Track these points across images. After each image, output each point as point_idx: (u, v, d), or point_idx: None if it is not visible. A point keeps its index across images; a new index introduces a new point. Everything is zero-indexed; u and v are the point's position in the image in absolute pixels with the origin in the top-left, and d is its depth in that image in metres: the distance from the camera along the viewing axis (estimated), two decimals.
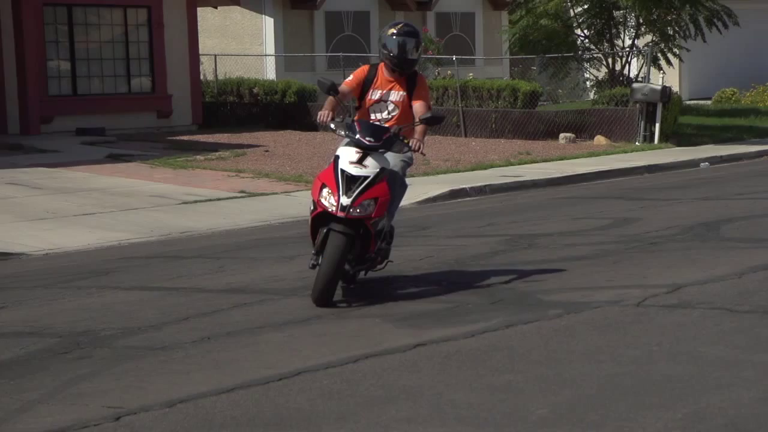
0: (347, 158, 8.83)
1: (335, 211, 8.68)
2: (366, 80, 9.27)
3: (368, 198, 8.71)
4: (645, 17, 25.24)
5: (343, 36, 30.61)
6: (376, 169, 8.80)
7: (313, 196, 8.93)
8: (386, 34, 9.23)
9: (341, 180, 8.74)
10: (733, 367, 6.93)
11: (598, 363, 7.08)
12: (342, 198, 8.68)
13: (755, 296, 8.93)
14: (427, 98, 9.38)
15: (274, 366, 7.16)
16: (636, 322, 8.16)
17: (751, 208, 14.10)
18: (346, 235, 8.71)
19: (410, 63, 9.21)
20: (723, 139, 23.91)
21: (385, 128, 9.04)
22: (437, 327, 8.18)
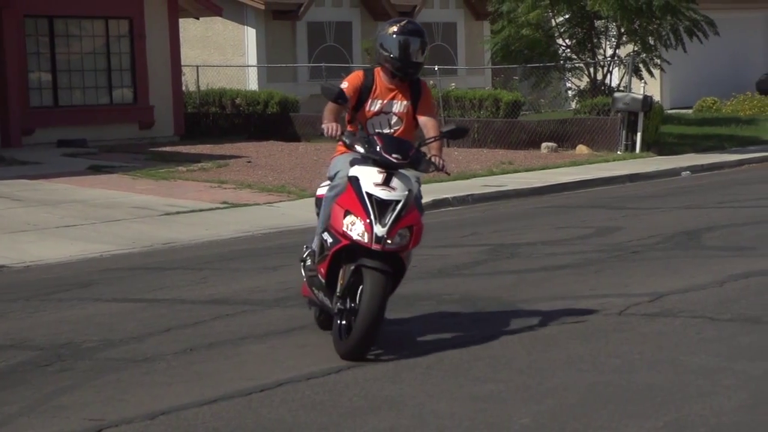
0: (370, 179, 7.42)
1: (369, 244, 7.26)
2: (363, 88, 7.88)
3: (403, 227, 7.33)
4: (626, 27, 25.32)
5: (326, 46, 30.63)
6: (405, 191, 7.44)
7: (335, 226, 7.45)
8: (386, 34, 7.86)
9: (371, 206, 7.36)
10: (714, 375, 6.95)
11: (580, 372, 7.09)
12: (376, 227, 7.27)
13: (736, 304, 8.96)
14: (435, 109, 8.22)
15: (256, 377, 7.15)
16: (618, 331, 8.18)
17: (732, 217, 14.15)
18: (384, 273, 7.31)
19: (415, 67, 7.84)
20: (704, 148, 24.00)
21: (409, 142, 7.73)
22: (418, 338, 8.17)
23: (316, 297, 7.93)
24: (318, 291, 7.81)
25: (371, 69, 8.04)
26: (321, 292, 7.76)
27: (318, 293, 7.82)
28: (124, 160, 21.58)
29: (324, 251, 7.62)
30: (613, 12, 24.28)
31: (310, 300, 8.19)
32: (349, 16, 31.21)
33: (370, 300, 7.21)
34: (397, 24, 7.89)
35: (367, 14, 31.34)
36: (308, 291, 8.11)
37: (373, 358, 7.51)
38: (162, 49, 25.43)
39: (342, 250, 7.42)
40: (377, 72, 7.98)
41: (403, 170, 7.53)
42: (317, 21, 30.38)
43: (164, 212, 15.44)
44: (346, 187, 7.56)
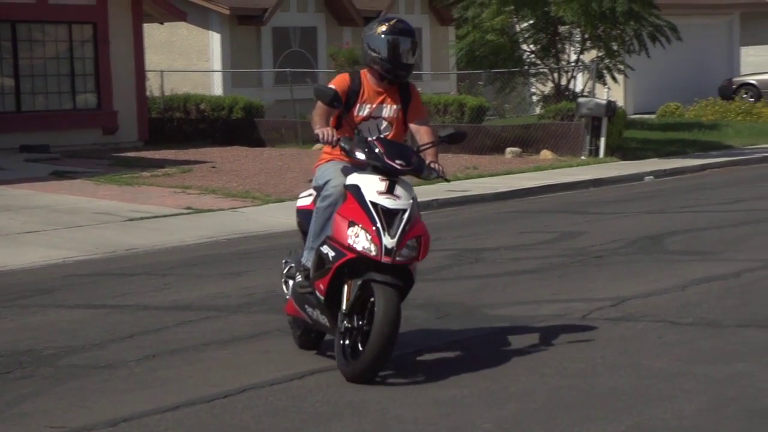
0: (372, 187, 6.99)
1: (378, 257, 6.83)
2: (350, 92, 7.41)
3: (412, 237, 6.93)
4: (590, 33, 25.46)
5: (291, 51, 30.59)
6: (409, 199, 7.05)
7: (337, 239, 6.97)
8: (373, 33, 7.38)
9: (378, 216, 6.92)
10: (676, 379, 6.99)
11: (542, 376, 7.12)
12: (384, 239, 6.83)
13: (697, 308, 9.02)
14: (427, 113, 7.88)
15: (219, 383, 7.13)
16: (581, 335, 8.21)
17: (694, 222, 14.25)
18: (395, 287, 6.89)
19: (406, 69, 7.40)
20: (667, 153, 24.15)
21: (410, 148, 7.37)
22: None
23: (307, 316, 7.41)
24: (313, 309, 7.30)
25: (357, 72, 7.58)
26: (317, 311, 7.25)
27: (313, 312, 7.31)
28: (87, 166, 21.46)
29: (323, 266, 7.10)
30: (576, 18, 24.40)
31: (294, 319, 7.75)
32: (314, 21, 31.20)
33: (384, 317, 6.74)
34: (386, 23, 7.42)
35: (332, 19, 31.33)
36: (295, 309, 7.62)
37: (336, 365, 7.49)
38: (126, 54, 25.30)
39: (345, 264, 6.95)
40: (364, 75, 7.52)
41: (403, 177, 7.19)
42: (282, 26, 30.34)
43: (128, 218, 15.36)
44: (344, 197, 7.10)
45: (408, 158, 7.13)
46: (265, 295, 10.05)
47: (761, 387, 6.79)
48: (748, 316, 8.71)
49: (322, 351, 7.65)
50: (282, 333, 8.53)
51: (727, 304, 9.20)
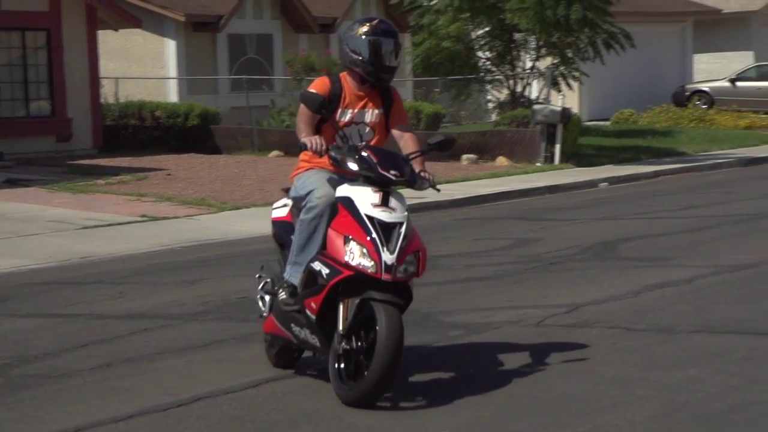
0: (366, 200, 6.63)
1: (378, 274, 6.46)
2: (331, 97, 7.06)
3: (410, 252, 6.59)
4: (545, 40, 25.59)
5: (247, 59, 30.52)
6: (404, 212, 6.70)
7: (333, 255, 6.61)
8: (354, 35, 7.02)
9: (375, 230, 6.55)
10: (629, 385, 7.05)
11: (497, 383, 7.14)
12: (384, 255, 6.47)
13: (650, 314, 9.10)
14: (408, 118, 7.49)
15: (173, 392, 7.10)
16: (535, 342, 8.25)
17: (647, 228, 14.36)
18: (397, 305, 6.54)
19: (389, 72, 7.05)
20: (621, 160, 24.32)
21: (402, 157, 6.98)
22: None
23: (293, 335, 7.04)
24: (301, 329, 6.91)
25: (337, 74, 7.24)
26: (305, 330, 6.86)
27: (301, 331, 6.92)
28: (41, 173, 21.30)
29: (315, 283, 6.71)
30: (531, 25, 24.52)
31: (274, 337, 7.40)
32: (270, 28, 31.15)
33: (388, 338, 6.35)
34: (367, 23, 7.06)
35: (288, 26, 31.30)
36: (276, 328, 7.26)
37: (292, 373, 7.50)
38: (80, 61, 25.15)
39: (340, 281, 6.57)
40: (344, 78, 7.18)
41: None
42: (238, 33, 30.27)
43: (82, 226, 15.26)
44: (333, 209, 6.74)
45: (402, 168, 6.80)
46: (220, 303, 10.02)
47: (712, 392, 6.86)
48: (700, 322, 8.79)
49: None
50: (237, 341, 8.53)
51: (680, 309, 9.28)
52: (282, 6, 31.01)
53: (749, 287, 10.19)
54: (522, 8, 24.09)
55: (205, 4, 29.48)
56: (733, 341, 8.15)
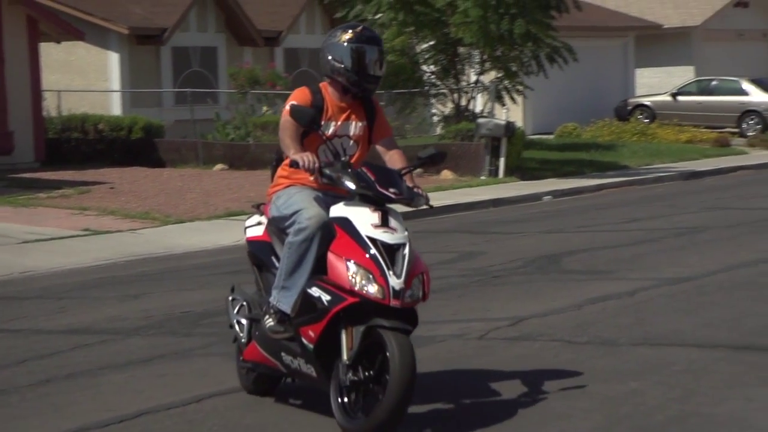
0: (366, 220, 6.27)
1: (386, 300, 6.10)
2: (312, 108, 6.63)
3: (415, 275, 6.24)
4: (489, 54, 25.74)
5: (191, 72, 30.41)
6: (405, 231, 6.35)
7: (335, 280, 6.21)
8: (337, 42, 6.64)
9: (379, 253, 6.17)
10: (571, 398, 7.09)
11: (439, 397, 7.15)
12: (391, 279, 6.11)
13: (592, 327, 9.16)
14: (392, 131, 7.08)
15: (114, 408, 7.04)
16: (478, 356, 8.28)
17: (590, 241, 14.46)
18: (406, 333, 6.17)
19: (375, 82, 6.67)
20: (565, 173, 24.48)
21: (398, 173, 6.63)
22: None
23: (282, 365, 6.65)
24: (294, 358, 6.51)
25: (316, 85, 6.81)
26: (300, 359, 6.46)
27: (294, 361, 6.52)
28: None
29: (313, 311, 6.27)
30: (475, 39, 24.64)
31: (255, 365, 6.99)
32: (215, 41, 31.06)
33: (402, 368, 5.98)
34: (351, 30, 6.68)
35: (232, 40, 31.22)
36: (260, 356, 6.85)
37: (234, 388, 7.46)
38: (22, 74, 24.90)
39: (343, 309, 6.15)
40: (324, 88, 6.76)
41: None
42: (182, 46, 30.14)
43: (23, 240, 15.10)
44: (327, 231, 6.34)
45: (400, 186, 6.46)
46: (163, 318, 9.96)
47: (653, 405, 6.92)
48: (641, 335, 8.86)
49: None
50: (180, 356, 8.48)
51: (622, 322, 9.35)
52: (226, 19, 30.94)
53: (690, 300, 10.30)
54: (466, 23, 24.21)
55: (148, 17, 29.34)
56: (674, 353, 8.23)
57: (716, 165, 26.40)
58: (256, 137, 25.93)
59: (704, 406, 6.89)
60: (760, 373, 7.58)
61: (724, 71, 37.91)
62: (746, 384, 7.33)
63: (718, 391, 7.18)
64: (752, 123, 34.65)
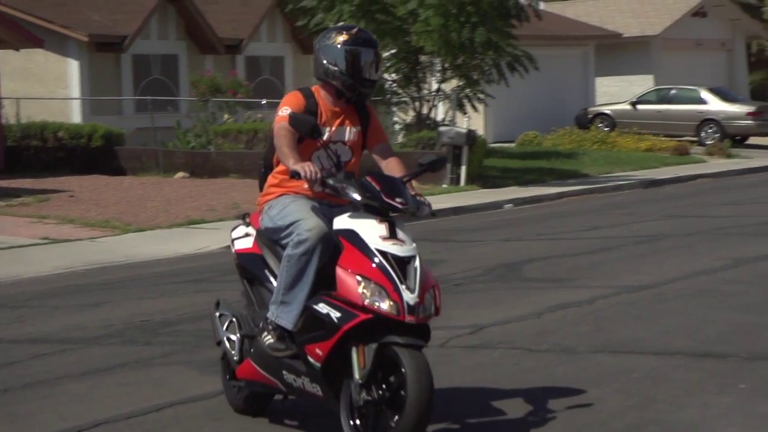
0: (374, 232, 6.00)
1: (401, 316, 5.84)
2: (306, 114, 6.34)
3: (427, 290, 6.00)
4: (450, 62, 25.81)
5: (152, 79, 30.29)
6: (413, 243, 6.10)
7: (346, 296, 5.92)
8: (331, 44, 6.37)
9: (391, 267, 5.92)
10: (530, 406, 7.11)
11: None
12: (405, 294, 5.86)
13: (553, 335, 9.20)
14: (386, 137, 6.79)
15: (73, 418, 7.00)
16: (439, 363, 8.26)
17: (550, 249, 14.52)
18: (420, 349, 5.92)
19: (370, 85, 6.42)
20: (526, 181, 24.58)
21: (401, 181, 6.32)
22: None
23: (283, 384, 6.37)
24: (297, 377, 6.23)
25: (308, 89, 6.52)
26: (304, 378, 6.19)
27: (297, 380, 6.24)
28: None
29: (321, 328, 5.99)
30: (437, 48, 24.72)
31: (249, 383, 6.67)
32: (176, 49, 30.95)
33: (420, 386, 5.74)
34: (344, 32, 6.40)
35: (194, 47, 31.12)
36: (257, 374, 6.53)
37: (194, 397, 7.43)
38: None
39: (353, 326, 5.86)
40: (317, 92, 6.49)
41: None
42: (143, 54, 30.02)
43: None
44: (335, 244, 6.07)
45: (406, 195, 6.14)
46: (123, 327, 9.91)
47: (612, 412, 6.96)
48: (600, 342, 8.91)
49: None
50: (139, 365, 8.44)
51: (581, 330, 9.40)
52: (187, 27, 30.85)
53: (649, 307, 10.37)
54: (427, 31, 24.28)
55: (108, 25, 29.20)
56: (633, 361, 8.28)
57: (675, 173, 26.60)
58: (218, 145, 25.87)
59: (663, 413, 6.93)
60: (719, 380, 7.64)
61: (683, 80, 38.24)
62: (705, 391, 7.39)
63: (676, 398, 7.23)
64: (711, 132, 34.94)
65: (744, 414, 6.87)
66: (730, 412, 6.92)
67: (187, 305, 10.90)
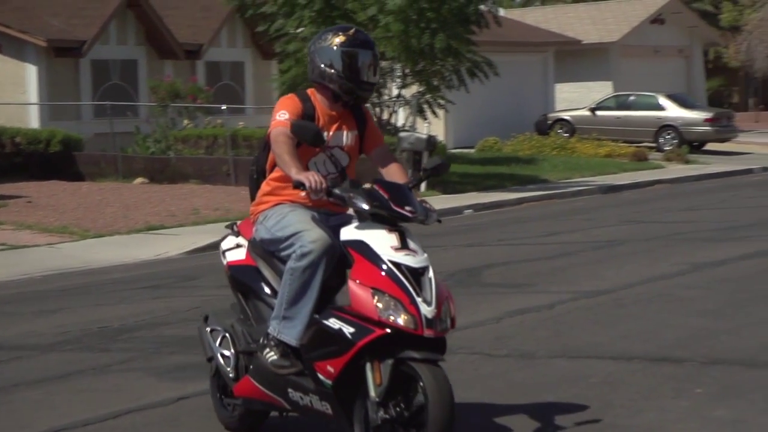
0: (385, 243, 5.76)
1: (420, 330, 5.60)
2: (304, 118, 6.06)
3: (443, 301, 5.77)
4: (410, 68, 25.84)
5: (111, 84, 30.13)
6: (424, 253, 5.89)
7: (360, 311, 5.64)
8: (328, 46, 6.11)
9: (407, 279, 5.68)
10: (489, 411, 7.13)
11: None
12: (422, 307, 5.62)
13: (512, 340, 9.22)
14: (383, 140, 6.50)
15: (28, 425, 6.95)
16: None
17: (510, 254, 14.57)
18: (438, 363, 5.69)
19: (368, 89, 6.18)
20: (486, 187, 24.65)
21: (409, 188, 6.10)
22: (201, 380, 8.06)
23: (287, 402, 6.08)
24: (305, 395, 5.94)
25: (304, 92, 6.23)
26: (312, 396, 5.89)
27: (303, 398, 5.95)
28: None
29: (333, 344, 5.71)
30: (397, 53, 24.75)
31: (247, 401, 6.39)
32: (135, 54, 30.81)
33: (442, 404, 5.52)
34: (341, 33, 6.15)
35: (153, 53, 30.99)
36: (257, 392, 6.23)
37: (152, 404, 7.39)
38: None
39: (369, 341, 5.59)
40: (312, 95, 6.20)
41: None
42: (102, 59, 29.86)
43: None
44: (349, 257, 5.80)
45: (414, 203, 5.93)
46: (80, 334, 9.84)
47: (570, 417, 6.97)
48: (559, 347, 8.94)
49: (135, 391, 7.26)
50: (96, 372, 8.38)
51: (540, 335, 9.43)
52: (147, 32, 30.72)
53: (607, 312, 10.42)
54: (387, 37, 24.30)
55: (67, 30, 29.02)
56: (591, 366, 8.32)
57: (634, 179, 26.77)
58: (177, 151, 25.77)
59: (621, 417, 6.97)
60: (675, 385, 7.69)
61: (641, 86, 38.52)
62: (662, 395, 7.43)
63: (634, 402, 7.27)
64: (669, 138, 35.20)
65: (700, 418, 6.92)
66: (687, 416, 6.97)
67: (146, 311, 10.85)
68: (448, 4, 24.32)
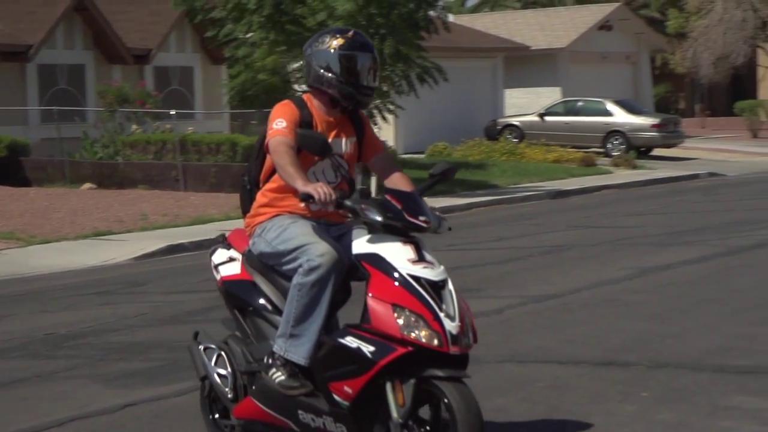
0: (401, 255, 5.50)
1: (445, 348, 5.35)
2: (302, 125, 5.77)
3: (464, 315, 5.51)
4: None
5: (58, 89, 29.88)
6: (441, 264, 5.63)
7: (381, 328, 5.35)
8: (324, 49, 5.82)
9: (429, 294, 5.41)
10: None
11: None
12: (446, 323, 5.36)
13: None
14: (383, 147, 6.25)
15: None
16: None
17: (459, 259, 14.59)
18: (463, 381, 5.46)
19: (369, 93, 5.85)
20: (435, 192, 24.58)
21: (419, 197, 5.79)
22: (147, 386, 8.04)
23: (297, 424, 5.69)
24: (317, 417, 5.58)
25: (299, 97, 5.97)
26: (326, 418, 5.54)
27: (315, 420, 5.59)
28: None
29: (351, 363, 5.39)
30: None
31: (249, 423, 6.01)
32: (83, 58, 30.57)
33: (470, 424, 5.29)
34: (339, 35, 5.82)
35: (101, 57, 30.78)
36: (260, 413, 5.86)
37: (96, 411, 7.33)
38: None
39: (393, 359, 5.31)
40: (309, 100, 5.93)
41: None
42: (49, 63, 29.60)
43: None
44: (365, 271, 5.50)
45: (427, 212, 5.63)
46: (25, 340, 9.75)
47: (517, 422, 7.01)
48: (508, 352, 8.98)
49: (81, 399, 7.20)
50: (41, 379, 8.30)
51: (489, 340, 9.44)
52: (94, 36, 30.50)
53: (554, 317, 10.47)
54: None
55: (13, 34, 28.75)
56: (539, 370, 8.36)
57: (582, 184, 26.96)
58: (126, 156, 25.61)
59: (567, 421, 7.00)
60: (622, 389, 7.74)
61: (589, 92, 38.81)
62: (608, 399, 7.48)
63: (580, 406, 7.31)
64: (617, 143, 35.49)
65: (646, 421, 6.97)
66: (633, 420, 7.02)
67: (93, 318, 10.76)
68: (397, 10, 24.35)
